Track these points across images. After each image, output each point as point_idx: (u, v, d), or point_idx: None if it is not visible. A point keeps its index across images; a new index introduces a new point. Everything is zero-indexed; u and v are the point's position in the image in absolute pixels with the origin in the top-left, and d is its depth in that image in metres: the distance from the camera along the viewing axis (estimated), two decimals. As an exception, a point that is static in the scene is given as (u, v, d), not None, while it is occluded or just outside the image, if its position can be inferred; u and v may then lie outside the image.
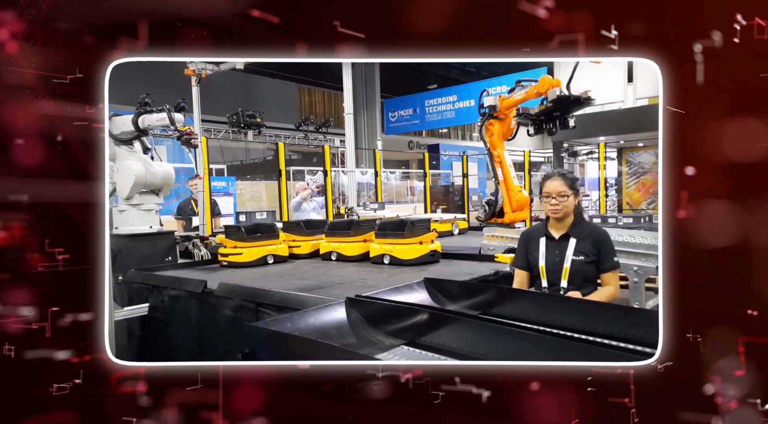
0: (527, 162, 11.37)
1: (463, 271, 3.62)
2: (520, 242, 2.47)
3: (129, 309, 3.58)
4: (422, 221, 4.27)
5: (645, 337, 1.83)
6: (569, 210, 2.33)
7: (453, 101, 16.15)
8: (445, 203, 14.75)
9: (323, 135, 15.76)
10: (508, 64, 16.96)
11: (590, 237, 2.32)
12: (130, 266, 4.03)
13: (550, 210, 2.34)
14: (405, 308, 2.09)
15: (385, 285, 2.99)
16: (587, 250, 2.30)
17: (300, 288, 3.18)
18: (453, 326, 1.91)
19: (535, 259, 2.37)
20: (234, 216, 9.13)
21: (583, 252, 2.30)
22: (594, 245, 2.30)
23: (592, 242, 2.31)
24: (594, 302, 2.18)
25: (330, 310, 2.13)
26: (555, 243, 2.35)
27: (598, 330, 1.92)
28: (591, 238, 2.32)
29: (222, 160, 13.53)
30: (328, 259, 4.49)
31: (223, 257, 4.29)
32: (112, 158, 4.34)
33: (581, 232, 2.34)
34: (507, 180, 4.60)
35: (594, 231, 2.36)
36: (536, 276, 2.38)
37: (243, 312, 2.97)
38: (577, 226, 2.36)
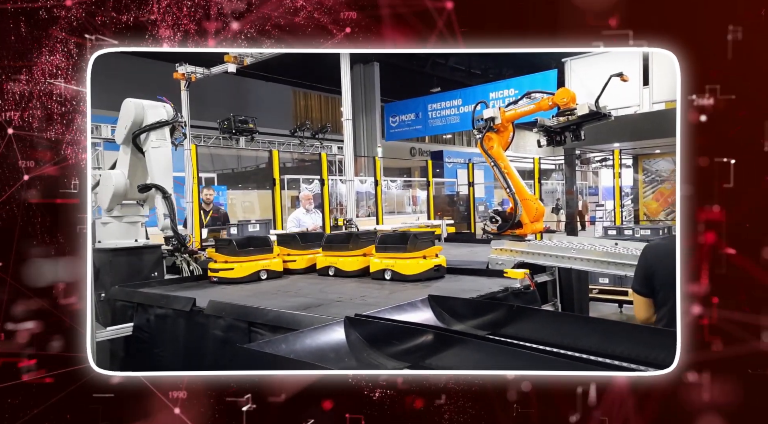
0: (537, 170, 11.40)
1: (470, 287, 3.61)
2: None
3: (112, 329, 3.56)
4: (425, 234, 4.27)
5: (666, 360, 1.82)
6: None
7: (457, 105, 16.23)
8: (449, 214, 14.74)
9: (320, 141, 15.82)
10: (515, 67, 17.09)
11: None
12: (113, 282, 4.02)
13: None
14: (408, 328, 2.08)
15: (387, 303, 2.97)
16: None
17: (295, 306, 3.17)
18: (460, 348, 1.90)
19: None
20: (225, 228, 9.13)
21: None
22: None
23: None
24: (611, 321, 2.18)
25: (328, 330, 2.12)
26: None
27: (615, 352, 1.91)
28: None
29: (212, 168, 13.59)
30: (326, 274, 4.48)
31: (213, 272, 4.28)
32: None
33: None
34: (521, 190, 4.61)
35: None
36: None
37: (234, 332, 2.96)
38: None
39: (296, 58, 12.93)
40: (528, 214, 4.57)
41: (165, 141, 4.26)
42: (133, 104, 4.26)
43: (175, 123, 4.34)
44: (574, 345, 1.97)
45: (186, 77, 9.43)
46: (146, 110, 4.26)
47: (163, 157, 4.25)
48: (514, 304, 2.34)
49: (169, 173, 4.27)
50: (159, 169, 4.22)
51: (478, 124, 4.77)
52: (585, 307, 4.67)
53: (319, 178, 7.98)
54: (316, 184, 12.42)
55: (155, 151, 4.22)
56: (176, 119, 4.35)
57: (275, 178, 7.74)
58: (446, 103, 16.58)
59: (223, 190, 10.93)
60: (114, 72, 9.84)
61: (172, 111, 4.35)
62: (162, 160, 4.24)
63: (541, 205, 4.78)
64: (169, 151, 4.31)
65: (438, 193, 16.95)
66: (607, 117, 4.34)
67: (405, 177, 18.89)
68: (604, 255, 3.55)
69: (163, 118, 4.27)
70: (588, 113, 4.28)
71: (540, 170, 11.65)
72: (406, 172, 20.09)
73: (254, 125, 11.55)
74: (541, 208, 4.69)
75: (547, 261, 3.97)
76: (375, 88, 17.73)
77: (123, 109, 4.30)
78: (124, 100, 4.32)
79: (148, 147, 4.23)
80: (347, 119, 8.58)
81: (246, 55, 8.67)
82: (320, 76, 16.40)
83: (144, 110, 4.26)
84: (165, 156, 4.27)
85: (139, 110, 4.25)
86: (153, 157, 4.22)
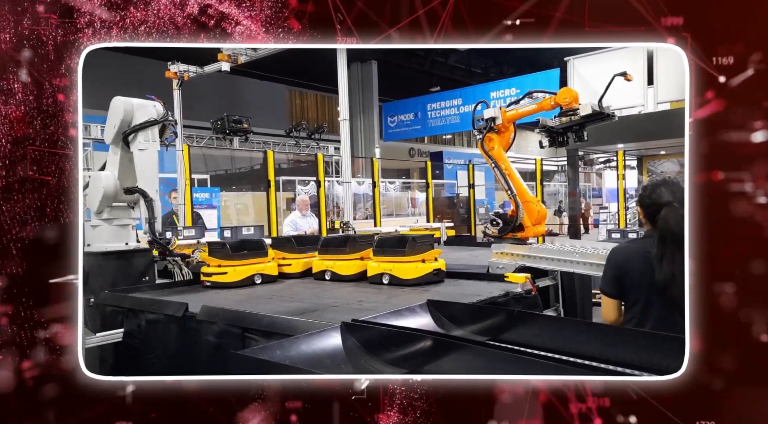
0: (539, 171, 11.42)
1: (470, 292, 3.61)
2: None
3: (101, 335, 3.56)
4: (424, 237, 4.28)
5: (670, 366, 1.83)
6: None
7: (457, 105, 16.26)
8: (449, 216, 14.76)
9: (316, 142, 15.84)
10: (517, 66, 17.13)
11: None
12: (102, 287, 4.01)
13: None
14: (406, 333, 2.08)
15: (385, 308, 2.98)
16: None
17: (290, 311, 3.17)
18: (459, 354, 1.91)
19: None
20: (218, 231, 9.13)
21: None
22: None
23: None
24: (614, 326, 2.18)
25: (324, 336, 2.13)
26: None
27: (619, 358, 1.91)
28: None
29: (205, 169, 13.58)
30: (322, 278, 4.48)
31: (206, 276, 4.28)
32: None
33: None
34: (522, 192, 4.62)
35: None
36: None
37: (228, 338, 2.96)
38: None
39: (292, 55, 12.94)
40: (530, 216, 4.58)
41: (152, 142, 4.25)
42: (122, 103, 4.25)
43: (165, 122, 4.33)
44: (577, 351, 1.97)
45: (179, 76, 9.44)
46: (135, 109, 4.25)
47: (149, 160, 4.25)
48: (515, 309, 2.35)
49: (154, 176, 4.26)
50: (143, 172, 4.21)
51: (478, 124, 4.78)
52: (588, 312, 4.68)
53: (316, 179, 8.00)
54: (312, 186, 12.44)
55: (141, 153, 4.22)
56: (166, 118, 4.33)
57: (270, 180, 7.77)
58: (446, 102, 16.61)
59: (216, 192, 10.92)
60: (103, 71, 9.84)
61: (162, 110, 4.34)
62: (147, 163, 4.23)
63: (543, 207, 4.79)
64: (155, 153, 4.29)
65: (437, 195, 16.97)
66: (610, 117, 4.35)
67: (404, 179, 18.90)
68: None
69: (152, 118, 4.26)
70: (591, 113, 4.30)
71: (542, 172, 11.69)
72: (404, 174, 20.10)
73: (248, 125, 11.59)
74: (543, 210, 4.70)
75: (549, 265, 3.98)
76: (373, 87, 17.77)
77: (111, 107, 4.29)
78: (113, 99, 4.31)
79: (134, 148, 4.23)
80: (344, 119, 8.60)
81: (240, 53, 8.68)
82: (317, 74, 16.43)
83: (133, 109, 4.25)
84: (150, 158, 4.26)
85: (128, 109, 4.24)
86: (138, 160, 4.22)
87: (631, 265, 2.29)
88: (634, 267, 2.28)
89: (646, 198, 2.22)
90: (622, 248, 2.44)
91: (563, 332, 2.11)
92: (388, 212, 16.00)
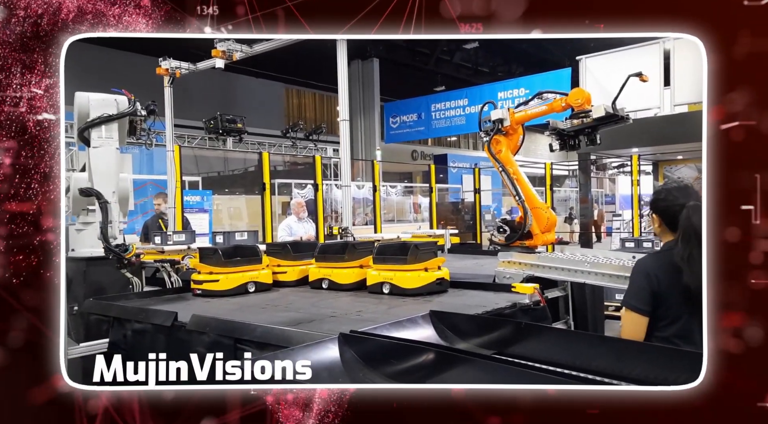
0: (549, 176, 11.43)
1: (475, 303, 3.62)
2: None
3: (85, 345, 3.55)
4: (427, 245, 4.28)
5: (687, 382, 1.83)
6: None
7: (463, 105, 16.30)
8: (453, 222, 14.77)
9: (314, 143, 15.87)
10: (525, 65, 17.19)
11: None
12: (87, 294, 4.02)
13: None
14: (408, 346, 2.08)
15: (385, 319, 2.98)
16: None
17: (285, 322, 3.17)
18: (463, 368, 1.91)
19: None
20: (209, 236, 9.14)
21: None
22: None
23: None
24: (627, 340, 2.18)
25: (320, 348, 2.13)
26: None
27: (632, 373, 1.91)
28: None
29: (197, 171, 13.61)
30: (319, 287, 4.48)
31: (196, 284, 4.28)
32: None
33: None
34: (531, 198, 4.62)
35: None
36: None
37: (219, 349, 2.96)
38: None
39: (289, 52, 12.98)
40: (539, 223, 4.58)
41: (107, 139, 4.12)
42: (78, 98, 4.13)
43: (123, 117, 4.14)
44: (588, 366, 1.97)
45: (170, 73, 9.46)
46: (91, 104, 4.11)
47: (105, 158, 4.13)
48: (523, 321, 2.35)
49: (110, 176, 4.14)
50: (98, 172, 4.09)
51: (485, 126, 4.79)
52: (600, 325, 4.67)
53: (313, 183, 8.01)
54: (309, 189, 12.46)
55: (95, 150, 4.10)
56: (127, 113, 4.16)
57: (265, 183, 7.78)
58: (451, 102, 16.64)
59: (208, 195, 10.93)
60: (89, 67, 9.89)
61: (126, 104, 4.19)
62: (102, 161, 4.11)
63: (553, 214, 4.78)
64: (113, 151, 4.17)
65: (441, 200, 16.98)
66: (624, 120, 4.35)
67: (406, 182, 18.93)
68: (621, 269, 3.55)
69: (107, 114, 4.12)
70: (604, 115, 4.30)
71: (552, 176, 11.70)
72: (407, 178, 20.13)
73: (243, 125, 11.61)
74: (552, 217, 4.70)
75: (559, 275, 3.97)
76: (374, 86, 17.80)
77: (74, 103, 4.16)
78: (75, 94, 4.16)
79: (91, 146, 4.13)
80: (344, 119, 8.61)
81: (235, 50, 8.71)
82: (315, 72, 16.46)
83: (89, 104, 4.11)
84: (107, 156, 4.14)
85: (83, 103, 4.11)
86: (92, 158, 4.10)
87: (669, 280, 2.12)
88: (672, 282, 2.12)
89: (662, 202, 2.16)
90: (654, 259, 2.29)
91: (573, 346, 2.11)
92: (390, 217, 16.01)
